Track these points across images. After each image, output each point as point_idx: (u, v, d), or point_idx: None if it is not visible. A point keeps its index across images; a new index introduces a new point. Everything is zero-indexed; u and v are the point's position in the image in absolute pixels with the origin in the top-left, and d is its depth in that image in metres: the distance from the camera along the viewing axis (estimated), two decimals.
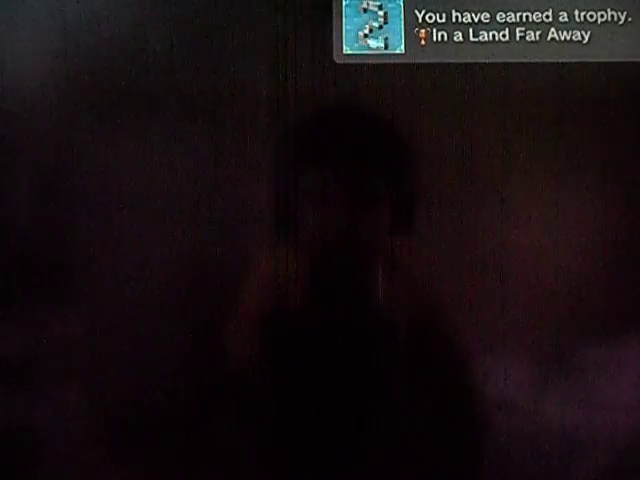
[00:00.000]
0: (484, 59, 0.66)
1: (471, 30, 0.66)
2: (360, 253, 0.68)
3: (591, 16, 0.66)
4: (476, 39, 0.66)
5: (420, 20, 0.66)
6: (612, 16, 0.66)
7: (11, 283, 0.67)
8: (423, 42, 0.66)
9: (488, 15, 0.66)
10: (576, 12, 0.66)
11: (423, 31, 0.66)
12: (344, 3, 0.67)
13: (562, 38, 0.66)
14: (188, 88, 0.67)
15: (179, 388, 0.67)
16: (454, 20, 0.66)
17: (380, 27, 0.67)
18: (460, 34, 0.66)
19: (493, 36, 0.66)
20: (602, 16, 0.66)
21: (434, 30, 0.66)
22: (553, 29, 0.66)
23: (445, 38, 0.66)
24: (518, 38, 0.66)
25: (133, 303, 0.67)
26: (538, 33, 0.66)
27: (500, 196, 0.67)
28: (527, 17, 0.66)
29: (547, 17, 0.66)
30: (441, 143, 0.67)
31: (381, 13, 0.67)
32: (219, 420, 0.68)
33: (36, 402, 0.67)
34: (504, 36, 0.66)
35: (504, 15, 0.66)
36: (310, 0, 0.67)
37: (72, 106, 0.67)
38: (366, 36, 0.67)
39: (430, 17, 0.66)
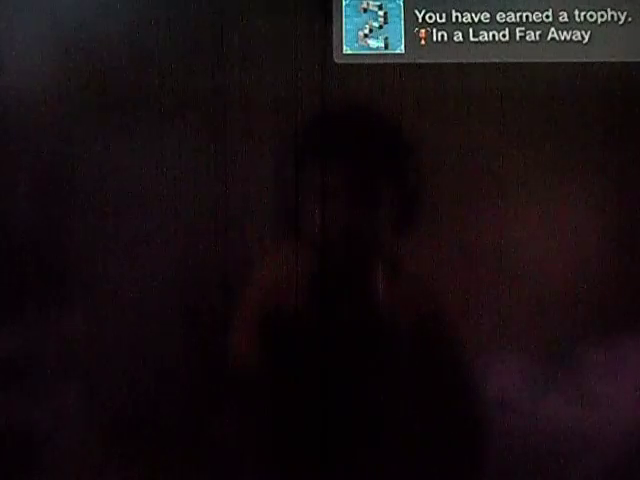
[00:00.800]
0: (484, 59, 0.66)
1: (471, 30, 0.66)
2: (362, 252, 0.68)
3: (591, 16, 0.66)
4: (476, 39, 0.66)
5: (420, 20, 0.66)
6: (612, 16, 0.66)
7: (11, 283, 0.67)
8: (423, 42, 0.66)
9: (488, 15, 0.66)
10: (576, 12, 0.66)
11: (423, 31, 0.66)
12: (344, 3, 0.67)
13: (562, 38, 0.66)
14: (189, 89, 0.67)
15: (181, 388, 0.67)
16: (454, 20, 0.66)
17: (380, 27, 0.67)
18: (460, 34, 0.66)
19: (493, 36, 0.66)
20: (602, 16, 0.66)
21: (434, 30, 0.66)
22: (553, 29, 0.66)
23: (445, 38, 0.66)
24: (518, 38, 0.66)
25: (135, 301, 0.67)
26: (538, 33, 0.66)
27: (501, 195, 0.67)
28: (527, 17, 0.66)
29: (547, 17, 0.66)
30: (441, 142, 0.67)
31: (381, 13, 0.67)
32: (221, 419, 0.68)
33: (35, 402, 0.68)
34: (504, 36, 0.66)
35: (504, 15, 0.66)
36: (310, 0, 0.67)
37: (73, 106, 0.67)
38: (366, 36, 0.67)
39: (430, 17, 0.66)
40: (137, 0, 0.68)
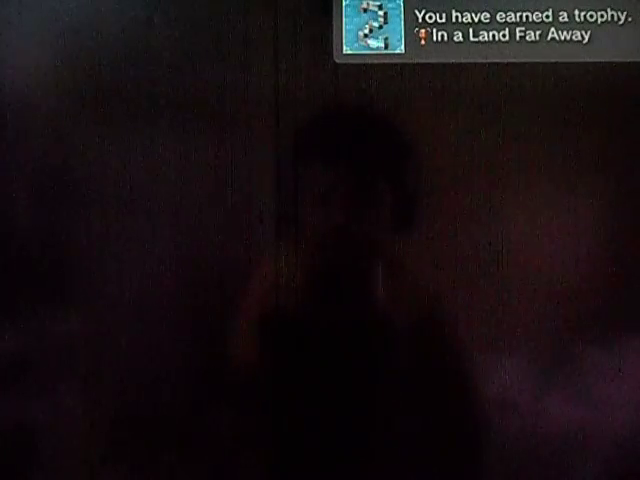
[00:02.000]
0: (484, 59, 0.66)
1: (471, 30, 0.66)
2: (361, 253, 0.68)
3: (591, 16, 0.66)
4: (476, 39, 0.66)
5: (420, 20, 0.66)
6: (612, 16, 0.66)
7: (11, 283, 0.67)
8: (423, 42, 0.66)
9: (488, 15, 0.66)
10: (576, 12, 0.66)
11: (423, 31, 0.67)
12: (344, 3, 0.67)
13: (562, 38, 0.66)
14: (189, 88, 0.67)
15: (180, 388, 0.67)
16: (454, 20, 0.66)
17: (380, 27, 0.67)
18: (460, 34, 0.66)
19: (493, 36, 0.66)
20: (602, 16, 0.66)
21: (434, 30, 0.66)
22: (553, 29, 0.66)
23: (445, 38, 0.66)
24: (518, 38, 0.66)
25: (134, 302, 0.67)
26: (538, 33, 0.66)
27: (500, 194, 0.67)
28: (527, 17, 0.66)
29: (547, 17, 0.66)
30: (441, 143, 0.67)
31: (381, 13, 0.67)
32: (220, 419, 0.68)
33: (36, 401, 0.68)
34: (504, 36, 0.66)
35: (504, 15, 0.66)
36: (310, 0, 0.67)
37: (73, 106, 0.67)
38: (366, 36, 0.67)
39: (430, 17, 0.66)
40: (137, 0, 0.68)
